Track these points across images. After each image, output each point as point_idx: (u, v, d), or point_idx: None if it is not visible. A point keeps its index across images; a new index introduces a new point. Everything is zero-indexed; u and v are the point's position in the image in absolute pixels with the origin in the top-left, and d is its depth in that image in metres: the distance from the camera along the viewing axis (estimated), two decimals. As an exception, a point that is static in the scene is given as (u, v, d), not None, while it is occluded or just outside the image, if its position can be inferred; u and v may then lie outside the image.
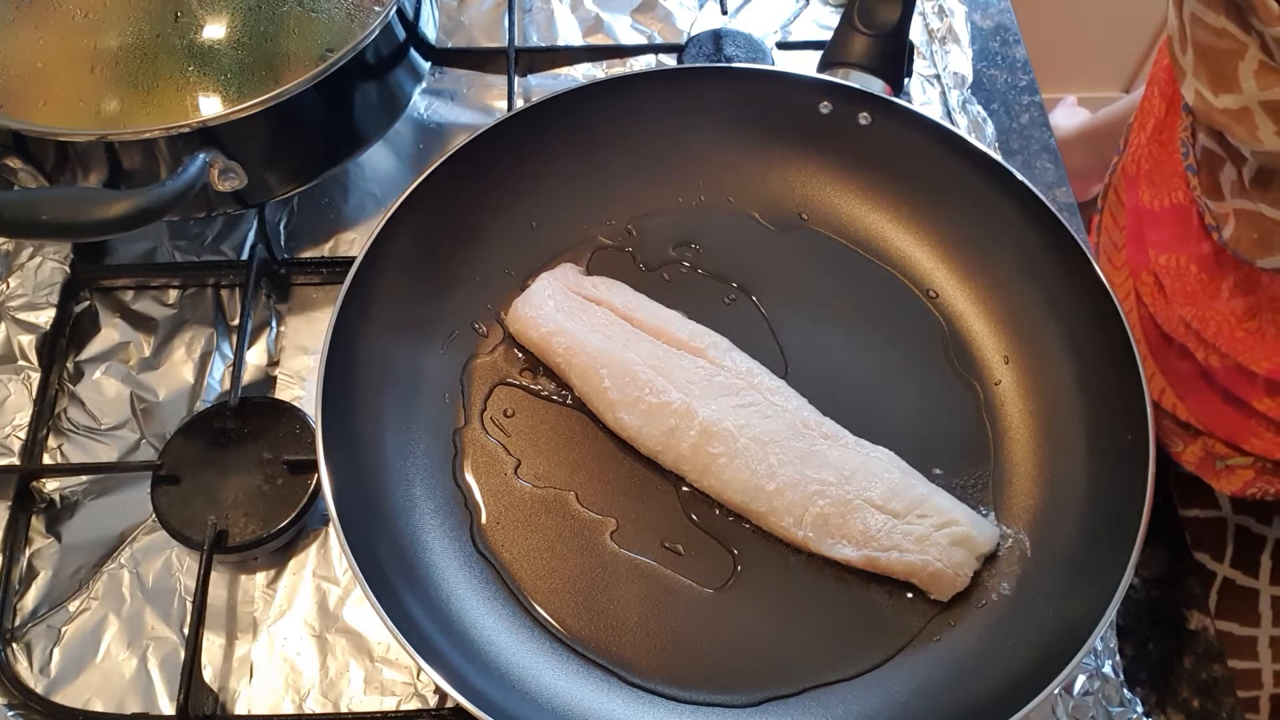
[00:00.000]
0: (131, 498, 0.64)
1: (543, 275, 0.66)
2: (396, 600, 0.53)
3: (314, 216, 0.76)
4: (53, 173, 0.63)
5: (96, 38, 0.63)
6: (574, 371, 0.62)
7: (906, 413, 0.64)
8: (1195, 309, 0.60)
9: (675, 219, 0.71)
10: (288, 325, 0.71)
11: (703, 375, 0.62)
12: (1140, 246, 0.65)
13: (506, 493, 0.61)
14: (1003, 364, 0.65)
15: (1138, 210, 0.66)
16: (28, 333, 0.69)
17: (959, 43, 0.86)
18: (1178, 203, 0.62)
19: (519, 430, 0.63)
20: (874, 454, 0.59)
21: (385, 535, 0.57)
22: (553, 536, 0.59)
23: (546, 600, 0.57)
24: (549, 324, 0.63)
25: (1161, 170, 0.64)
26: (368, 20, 0.67)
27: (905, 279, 0.69)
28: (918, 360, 0.66)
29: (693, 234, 0.70)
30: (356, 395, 0.60)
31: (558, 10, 0.89)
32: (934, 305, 0.68)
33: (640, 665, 0.56)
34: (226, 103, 0.63)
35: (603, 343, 0.62)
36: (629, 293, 0.66)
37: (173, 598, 0.61)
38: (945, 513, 0.57)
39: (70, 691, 0.58)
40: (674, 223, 0.71)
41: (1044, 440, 0.62)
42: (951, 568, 0.56)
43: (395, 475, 0.60)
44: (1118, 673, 0.60)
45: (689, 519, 0.60)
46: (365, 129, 0.72)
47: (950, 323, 0.67)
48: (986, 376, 0.65)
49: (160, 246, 0.74)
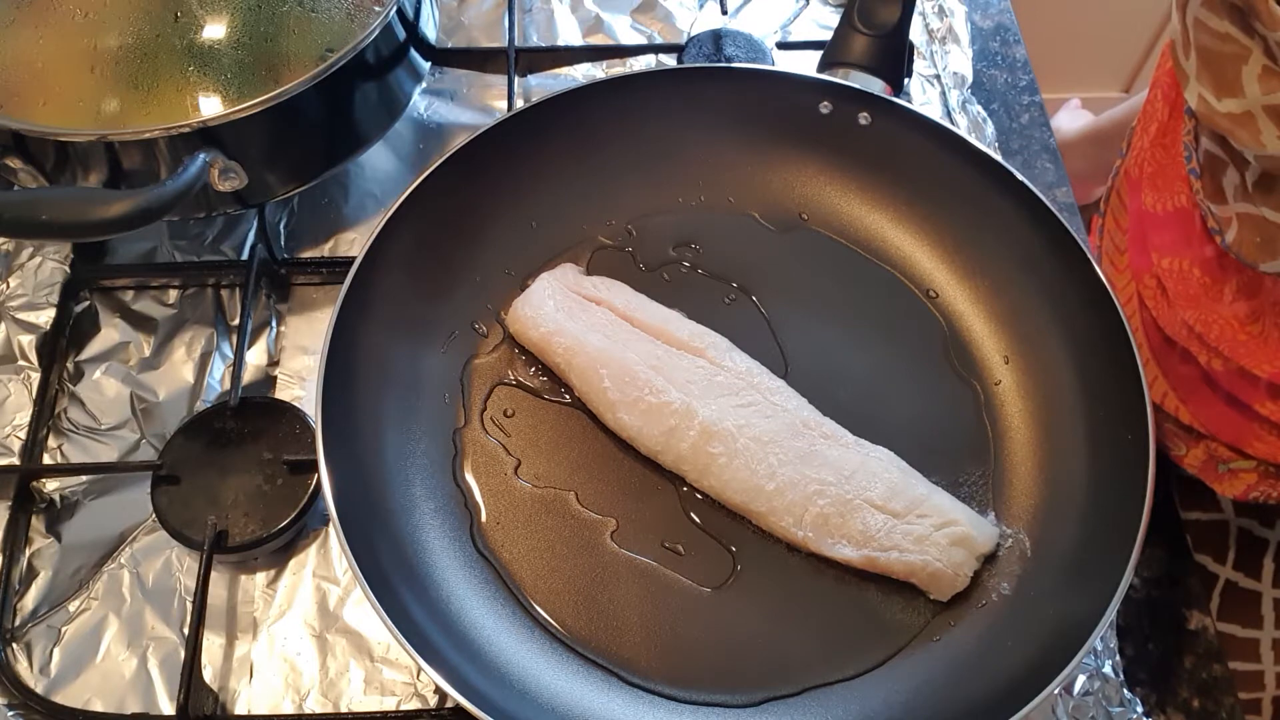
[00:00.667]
0: (131, 498, 0.64)
1: (542, 275, 0.66)
2: (396, 600, 0.53)
3: (314, 217, 0.76)
4: (53, 173, 0.63)
5: (96, 38, 0.63)
6: (574, 371, 0.62)
7: (906, 413, 0.64)
8: (1198, 312, 0.60)
9: (675, 219, 0.71)
10: (288, 325, 0.71)
11: (703, 375, 0.62)
12: (1143, 250, 0.66)
13: (506, 493, 0.61)
14: (1003, 364, 0.65)
15: (1140, 214, 0.66)
16: (28, 333, 0.69)
17: (959, 43, 0.86)
18: (1180, 206, 0.62)
19: (519, 430, 0.63)
20: (874, 454, 0.59)
21: (385, 535, 0.57)
22: (553, 536, 0.59)
23: (546, 600, 0.57)
24: (549, 324, 0.63)
25: (1164, 174, 0.64)
26: (368, 20, 0.67)
27: (905, 279, 0.69)
28: (918, 360, 0.66)
29: (693, 234, 0.70)
30: (356, 395, 0.60)
31: (558, 10, 0.89)
32: (934, 305, 0.68)
33: (640, 665, 0.56)
34: (227, 103, 0.63)
35: (602, 343, 0.62)
36: (629, 293, 0.66)
37: (173, 598, 0.61)
38: (945, 513, 0.57)
39: (70, 691, 0.58)
40: (674, 223, 0.71)
41: (1044, 440, 0.62)
42: (951, 568, 0.56)
43: (395, 475, 0.60)
44: (1118, 673, 0.60)
45: (689, 519, 0.60)
46: (365, 129, 0.72)
47: (950, 323, 0.67)
48: (986, 376, 0.65)
49: (160, 247, 0.74)
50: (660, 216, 0.71)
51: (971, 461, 0.62)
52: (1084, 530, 0.58)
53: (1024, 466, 0.62)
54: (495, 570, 0.58)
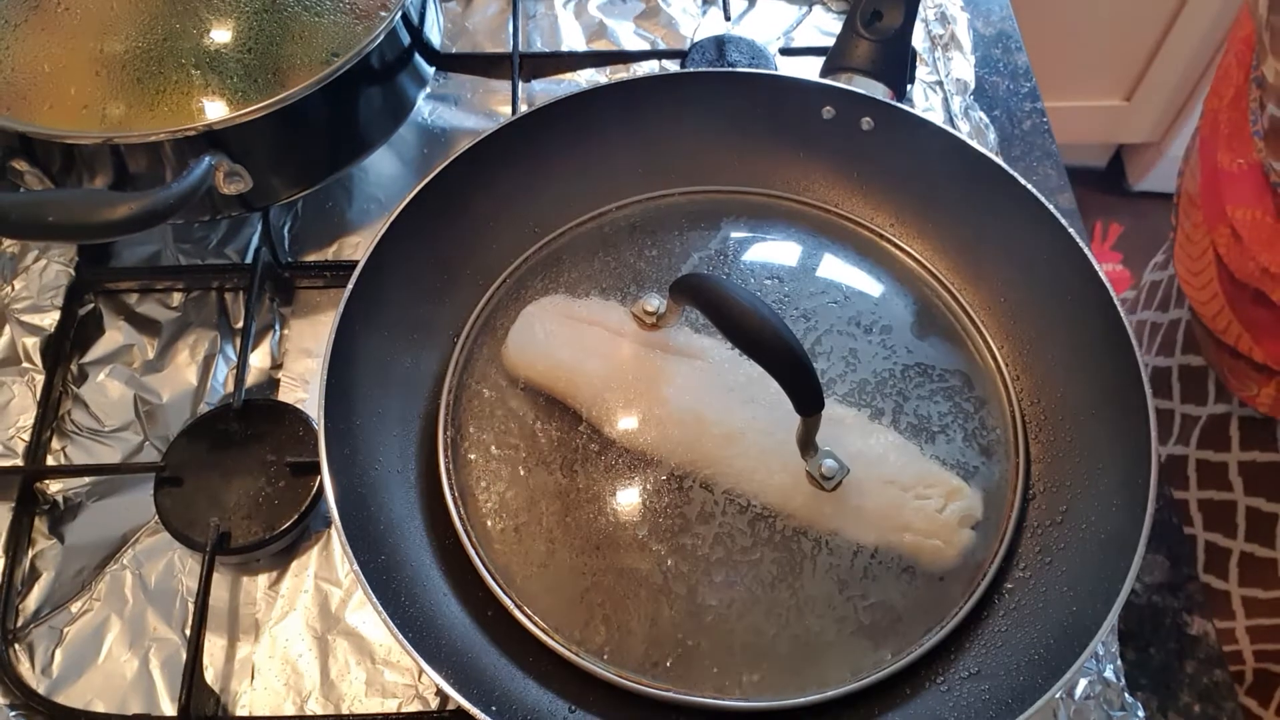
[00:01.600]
0: (134, 499, 0.64)
1: (524, 312, 0.66)
2: (398, 602, 0.53)
3: (318, 220, 0.77)
4: (59, 175, 0.63)
5: (103, 42, 0.63)
6: (580, 402, 0.62)
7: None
8: (1272, 254, 0.65)
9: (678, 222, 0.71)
10: (291, 328, 0.72)
11: (704, 379, 0.62)
12: (1216, 204, 0.71)
13: (507, 497, 0.61)
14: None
15: (1215, 171, 0.71)
16: (32, 335, 0.69)
17: (961, 49, 0.86)
18: (1254, 163, 0.68)
19: (521, 434, 0.63)
20: (876, 435, 0.60)
21: (387, 537, 0.57)
22: (553, 541, 0.59)
23: (546, 604, 0.57)
24: (543, 361, 0.63)
25: (1240, 134, 0.69)
26: (373, 25, 0.67)
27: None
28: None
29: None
30: (359, 397, 0.60)
31: (561, 16, 0.89)
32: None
33: (644, 668, 0.56)
34: (232, 106, 0.63)
35: (600, 365, 0.62)
36: (620, 310, 0.66)
37: (175, 599, 0.61)
38: (947, 482, 0.58)
39: (72, 692, 0.58)
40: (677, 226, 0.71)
41: (1046, 444, 0.62)
42: (955, 544, 0.57)
43: (398, 477, 0.60)
44: (1119, 677, 0.60)
45: (691, 521, 0.60)
46: (370, 133, 0.72)
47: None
48: (988, 381, 0.65)
49: (165, 250, 0.74)
50: (663, 219, 0.71)
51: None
52: (1085, 535, 0.58)
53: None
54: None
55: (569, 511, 0.60)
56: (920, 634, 0.56)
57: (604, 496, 0.60)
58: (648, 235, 0.70)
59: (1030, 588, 0.57)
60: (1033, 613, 0.56)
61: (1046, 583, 0.57)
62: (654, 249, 0.69)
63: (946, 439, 0.62)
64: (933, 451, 0.61)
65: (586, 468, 0.61)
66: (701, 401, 0.60)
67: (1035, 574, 0.58)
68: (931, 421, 0.62)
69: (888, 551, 0.57)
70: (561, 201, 0.70)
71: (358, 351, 0.60)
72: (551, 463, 0.62)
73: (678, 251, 0.70)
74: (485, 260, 0.68)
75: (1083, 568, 0.56)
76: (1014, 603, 0.57)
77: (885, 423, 0.61)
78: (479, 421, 0.63)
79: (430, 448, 0.62)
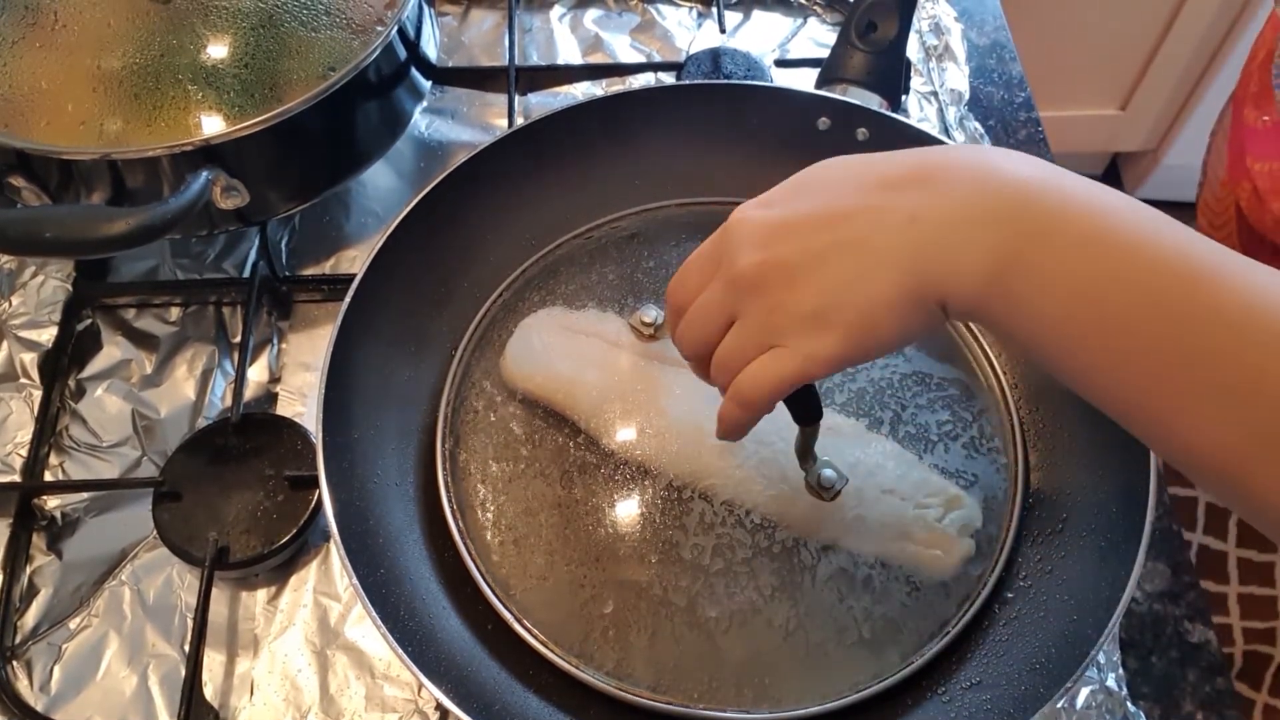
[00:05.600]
0: (133, 514, 0.64)
1: (522, 324, 0.66)
2: (397, 616, 0.53)
3: (315, 234, 0.77)
4: (56, 191, 0.63)
5: (100, 58, 0.64)
6: (577, 411, 0.62)
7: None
8: None
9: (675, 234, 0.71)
10: (289, 342, 0.72)
11: (703, 390, 0.61)
12: (1240, 161, 0.75)
13: (506, 509, 0.61)
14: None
15: (1240, 128, 0.77)
16: (30, 350, 0.69)
17: (956, 60, 0.86)
18: (1277, 120, 0.73)
19: (520, 446, 0.63)
20: (875, 444, 0.60)
21: (386, 551, 0.57)
22: (553, 553, 0.59)
23: (545, 617, 0.57)
24: (541, 372, 0.63)
25: (1265, 92, 0.75)
26: (369, 40, 0.68)
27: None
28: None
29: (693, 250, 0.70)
30: (357, 411, 0.60)
31: (557, 30, 0.90)
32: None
33: (644, 680, 0.55)
34: (229, 121, 0.63)
35: (598, 376, 0.62)
36: (618, 321, 0.66)
37: (173, 615, 0.61)
38: (946, 491, 0.58)
39: (71, 709, 0.58)
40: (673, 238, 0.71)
41: (1045, 454, 0.62)
42: (955, 553, 0.57)
43: (396, 491, 0.60)
44: (1121, 686, 0.59)
45: (692, 529, 0.60)
46: (367, 147, 0.72)
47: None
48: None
49: (162, 265, 0.74)
50: (660, 231, 0.71)
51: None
52: (1085, 544, 0.58)
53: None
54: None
55: (568, 523, 0.60)
56: (921, 644, 0.56)
57: (603, 508, 0.60)
58: (645, 246, 0.70)
59: (1031, 596, 0.57)
60: (1033, 621, 0.56)
61: (1047, 591, 0.57)
62: (651, 260, 0.70)
63: (945, 448, 0.62)
64: (931, 460, 0.61)
65: (585, 479, 0.61)
66: (700, 412, 0.60)
67: (1035, 582, 0.58)
68: (930, 430, 0.62)
69: (888, 561, 0.57)
70: (558, 213, 0.70)
71: (355, 365, 0.60)
72: (550, 475, 0.62)
73: (674, 263, 0.70)
74: (482, 273, 0.68)
75: (1083, 576, 0.56)
76: (1014, 612, 0.57)
77: (884, 432, 0.61)
78: (477, 434, 0.63)
79: (429, 460, 0.62)
